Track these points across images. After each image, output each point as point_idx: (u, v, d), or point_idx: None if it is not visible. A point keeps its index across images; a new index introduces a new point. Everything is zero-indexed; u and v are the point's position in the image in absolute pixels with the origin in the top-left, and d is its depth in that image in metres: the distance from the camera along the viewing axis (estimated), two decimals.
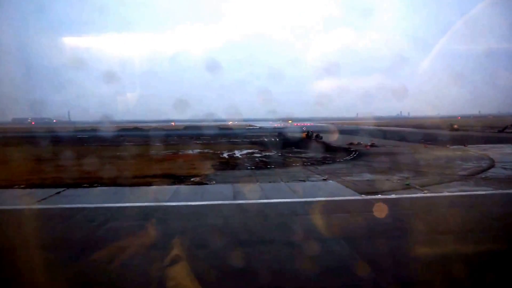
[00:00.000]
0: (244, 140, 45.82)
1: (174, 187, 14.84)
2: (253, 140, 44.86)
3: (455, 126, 57.84)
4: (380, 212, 10.02)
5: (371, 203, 11.36)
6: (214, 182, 15.99)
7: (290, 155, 27.14)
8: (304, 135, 40.72)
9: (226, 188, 14.34)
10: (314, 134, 40.56)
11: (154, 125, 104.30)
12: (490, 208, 9.86)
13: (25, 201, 12.47)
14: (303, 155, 26.80)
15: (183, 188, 14.68)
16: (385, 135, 45.70)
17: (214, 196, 13.01)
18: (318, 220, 9.00)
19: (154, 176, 17.62)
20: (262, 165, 21.91)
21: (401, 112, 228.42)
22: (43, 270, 6.04)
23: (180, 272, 5.88)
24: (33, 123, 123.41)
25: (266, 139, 44.90)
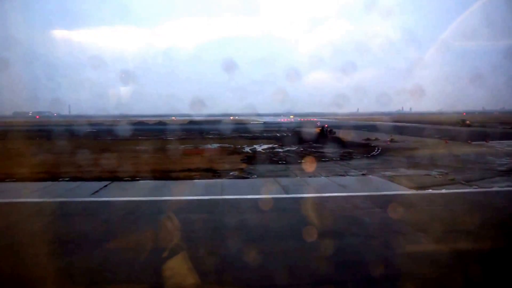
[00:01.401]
0: (256, 135, 45.73)
1: (219, 181, 14.79)
2: (265, 135, 44.82)
3: (467, 122, 57.97)
4: (446, 205, 10.12)
5: (428, 197, 11.46)
6: (255, 176, 15.97)
7: (313, 150, 27.12)
8: (318, 130, 40.54)
9: (271, 182, 14.26)
10: (328, 130, 40.42)
11: (155, 119, 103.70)
12: None
13: (78, 194, 12.34)
14: (325, 150, 26.72)
15: (228, 182, 14.63)
16: (398, 130, 45.74)
17: (264, 190, 12.92)
18: (385, 214, 9.03)
19: (190, 170, 17.56)
20: (291, 159, 21.87)
21: (402, 107, 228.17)
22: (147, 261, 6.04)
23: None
24: (37, 117, 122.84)
25: (278, 134, 44.82)
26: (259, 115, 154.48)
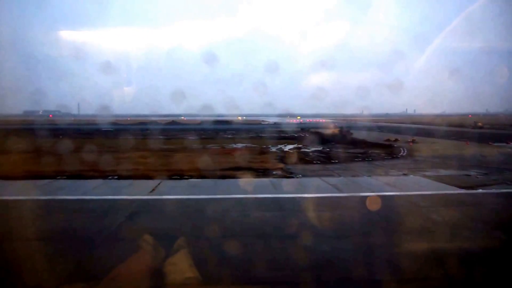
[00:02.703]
0: (274, 135, 46.10)
1: (266, 180, 15.22)
2: (283, 135, 45.11)
3: (480, 123, 58.34)
4: (504, 204, 10.52)
5: (483, 196, 11.80)
6: (299, 175, 16.39)
7: (339, 150, 27.42)
8: (336, 131, 41.04)
9: (319, 181, 14.61)
10: (346, 130, 40.86)
11: (165, 119, 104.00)
12: None
13: (136, 192, 12.67)
14: (352, 150, 27.12)
15: (276, 181, 14.99)
16: (413, 132, 46.07)
17: (316, 189, 13.27)
18: (453, 212, 9.41)
19: (231, 169, 17.89)
20: (324, 159, 22.27)
21: (406, 109, 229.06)
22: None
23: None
24: (50, 116, 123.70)
25: (296, 135, 45.17)
26: (265, 115, 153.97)
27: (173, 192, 12.73)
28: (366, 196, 11.70)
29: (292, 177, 16.00)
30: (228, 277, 5.57)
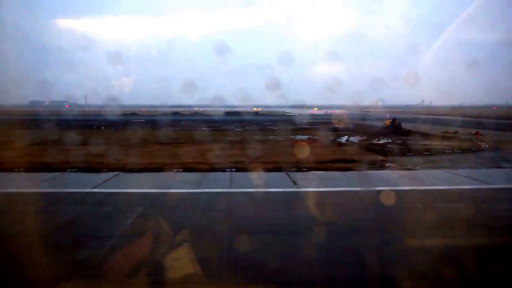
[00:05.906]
0: (319, 127, 45.64)
1: (390, 172, 14.99)
2: (329, 127, 44.38)
3: None
4: None
5: None
6: (418, 167, 15.98)
7: (412, 142, 26.82)
8: (388, 122, 40.35)
9: (446, 174, 14.25)
10: (397, 122, 40.14)
11: (185, 110, 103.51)
12: None
13: (281, 184, 12.47)
14: (425, 142, 26.50)
15: (403, 173, 14.67)
16: (463, 124, 45.19)
17: (458, 181, 12.97)
18: None
19: (335, 161, 17.29)
20: (412, 151, 21.62)
21: (423, 101, 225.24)
22: None
23: None
24: (67, 106, 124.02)
25: (342, 126, 44.48)
26: (277, 107, 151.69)
27: (318, 185, 12.58)
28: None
29: (410, 169, 15.58)
30: None
